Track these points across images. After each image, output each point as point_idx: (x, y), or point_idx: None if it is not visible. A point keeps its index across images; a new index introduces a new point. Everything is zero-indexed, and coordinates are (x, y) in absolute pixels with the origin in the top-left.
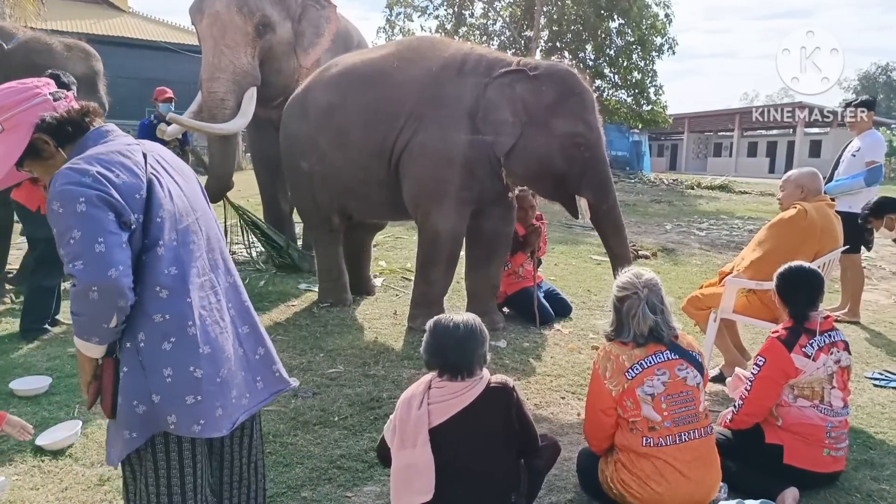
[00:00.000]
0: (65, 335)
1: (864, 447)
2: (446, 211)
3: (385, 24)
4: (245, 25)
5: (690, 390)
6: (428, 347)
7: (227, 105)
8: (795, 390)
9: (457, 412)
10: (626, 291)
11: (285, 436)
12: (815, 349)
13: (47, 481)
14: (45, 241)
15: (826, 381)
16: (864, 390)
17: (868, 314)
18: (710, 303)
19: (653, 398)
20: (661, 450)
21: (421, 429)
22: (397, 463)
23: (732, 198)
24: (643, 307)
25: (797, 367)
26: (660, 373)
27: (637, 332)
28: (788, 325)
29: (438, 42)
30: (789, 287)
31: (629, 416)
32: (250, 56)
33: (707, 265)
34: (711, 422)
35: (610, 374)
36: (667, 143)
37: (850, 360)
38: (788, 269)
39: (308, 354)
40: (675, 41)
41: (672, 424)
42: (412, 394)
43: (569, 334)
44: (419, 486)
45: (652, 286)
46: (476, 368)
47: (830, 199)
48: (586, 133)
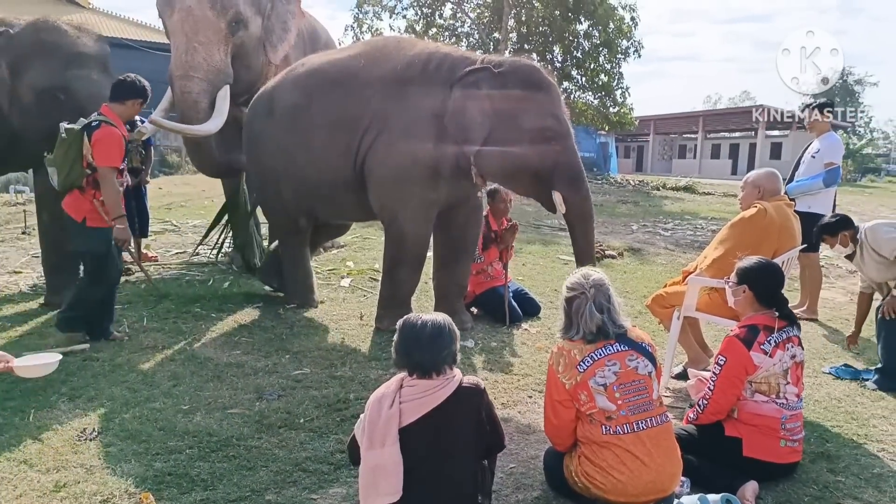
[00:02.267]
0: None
1: (820, 440)
2: (412, 212)
3: (354, 22)
4: (218, 22)
5: (642, 379)
6: (397, 346)
7: (202, 105)
8: (753, 385)
9: (428, 411)
10: (574, 292)
11: (249, 439)
12: (773, 346)
13: (0, 488)
14: (93, 256)
15: (781, 376)
16: (821, 385)
17: (826, 311)
18: (673, 301)
19: (605, 388)
20: (620, 438)
21: (391, 428)
22: (365, 464)
23: (696, 198)
24: (590, 306)
25: (755, 363)
26: (610, 363)
27: (586, 331)
28: (748, 323)
29: (404, 42)
30: (762, 279)
31: (586, 408)
32: (223, 53)
33: (672, 264)
34: (667, 411)
35: (563, 368)
36: (633, 144)
37: (804, 354)
38: (758, 263)
39: (274, 356)
40: (641, 44)
41: (628, 412)
42: (383, 393)
43: (536, 333)
44: (386, 486)
45: (599, 286)
46: (445, 367)
47: (789, 198)
48: (555, 126)
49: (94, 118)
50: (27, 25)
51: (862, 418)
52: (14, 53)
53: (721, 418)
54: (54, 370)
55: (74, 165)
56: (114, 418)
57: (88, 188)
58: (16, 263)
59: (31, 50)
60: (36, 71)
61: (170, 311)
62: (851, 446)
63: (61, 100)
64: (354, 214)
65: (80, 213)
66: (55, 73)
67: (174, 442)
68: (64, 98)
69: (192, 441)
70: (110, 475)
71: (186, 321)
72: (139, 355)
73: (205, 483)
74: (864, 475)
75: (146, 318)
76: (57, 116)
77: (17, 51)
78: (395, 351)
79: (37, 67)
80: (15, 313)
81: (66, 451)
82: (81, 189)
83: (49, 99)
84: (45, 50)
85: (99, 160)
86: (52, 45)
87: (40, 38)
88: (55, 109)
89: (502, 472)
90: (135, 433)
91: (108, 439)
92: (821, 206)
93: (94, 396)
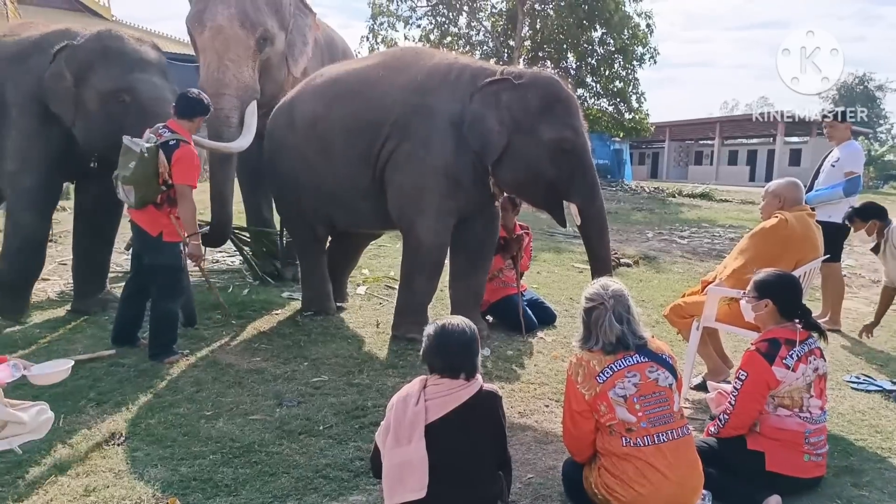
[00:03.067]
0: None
1: (844, 454)
2: (430, 220)
3: (368, 33)
4: (248, 40)
5: (663, 391)
6: (431, 349)
7: (233, 122)
8: (776, 399)
9: (452, 409)
10: (593, 302)
11: (270, 445)
12: (795, 360)
13: (31, 492)
14: (166, 268)
15: (805, 389)
16: (844, 398)
17: (848, 322)
18: (692, 311)
19: (625, 399)
20: (640, 450)
21: (417, 425)
22: (390, 461)
23: (714, 206)
24: (609, 317)
25: (778, 378)
26: (630, 375)
27: (605, 342)
28: (769, 336)
29: (423, 52)
30: (784, 291)
31: (605, 420)
32: (252, 70)
33: (689, 273)
34: (688, 423)
35: (582, 378)
36: (648, 151)
37: (827, 367)
38: (777, 276)
39: (292, 363)
40: (657, 51)
41: (648, 425)
42: (408, 392)
43: (552, 342)
44: (413, 482)
45: (618, 297)
46: (470, 368)
47: (811, 208)
48: (573, 138)
49: (170, 137)
50: (91, 36)
51: (886, 431)
52: (79, 63)
53: (743, 433)
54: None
55: (151, 183)
56: (140, 423)
57: (164, 204)
58: (43, 271)
59: (96, 57)
60: (101, 76)
61: None
62: (875, 460)
63: (126, 102)
64: (372, 223)
65: (155, 227)
66: (119, 77)
67: (198, 447)
68: (129, 100)
69: (215, 446)
70: (138, 480)
71: (207, 328)
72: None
73: (228, 488)
74: (888, 489)
75: None
76: (121, 120)
77: (82, 60)
78: (427, 353)
79: (101, 72)
80: (43, 320)
81: (95, 456)
82: (156, 205)
83: (114, 102)
84: (109, 56)
85: (178, 178)
86: (117, 51)
87: (105, 46)
88: (120, 112)
89: (520, 482)
90: (160, 438)
91: (135, 444)
92: (841, 215)
93: (120, 401)
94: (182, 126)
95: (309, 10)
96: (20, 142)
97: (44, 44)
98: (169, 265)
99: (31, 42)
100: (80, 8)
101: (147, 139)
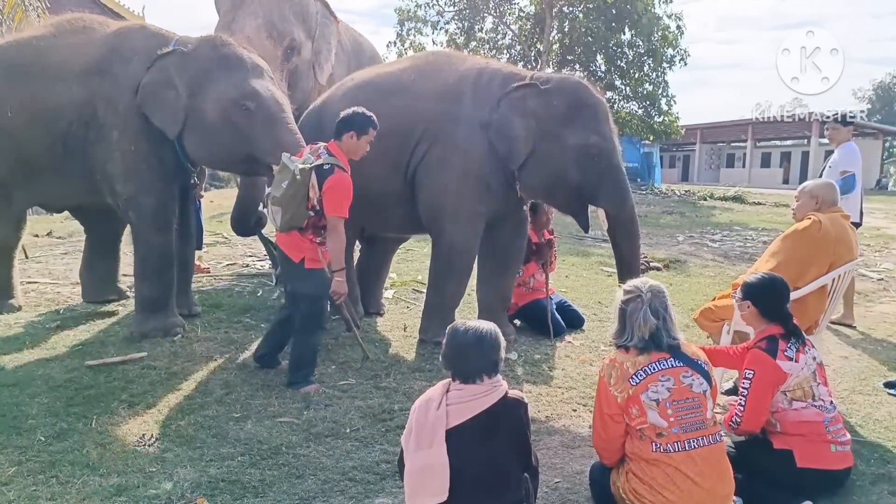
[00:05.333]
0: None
1: (881, 461)
2: (461, 224)
3: (396, 38)
4: (275, 50)
5: (696, 397)
6: (443, 352)
7: None
8: (788, 395)
9: (474, 415)
10: (630, 294)
11: (297, 447)
12: (795, 351)
13: (64, 492)
14: (307, 297)
15: (812, 378)
16: (881, 404)
17: (886, 326)
18: (723, 315)
19: (658, 404)
20: (670, 456)
21: (438, 429)
22: (412, 465)
23: (746, 209)
24: (645, 310)
25: (785, 371)
26: (664, 379)
27: (639, 335)
28: (765, 335)
29: (454, 56)
30: (765, 294)
31: (636, 423)
32: (280, 80)
33: (720, 277)
34: (721, 430)
35: (614, 380)
36: (679, 154)
37: (820, 355)
38: (761, 278)
39: (320, 366)
40: (687, 52)
41: (680, 431)
42: (430, 397)
43: (580, 346)
44: (434, 486)
45: (656, 292)
46: (485, 374)
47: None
48: (600, 144)
49: (327, 160)
50: (201, 43)
51: None
52: (192, 71)
53: (755, 431)
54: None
55: (300, 206)
56: (170, 425)
57: (308, 229)
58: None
59: (213, 65)
60: (222, 84)
61: (221, 321)
62: None
63: (251, 110)
64: (402, 227)
65: (298, 253)
66: (242, 84)
67: (227, 449)
68: (254, 107)
69: (243, 448)
70: (167, 480)
71: (237, 331)
72: (193, 364)
73: (255, 490)
74: None
75: (199, 327)
76: (247, 128)
77: (197, 69)
78: (443, 358)
79: (222, 81)
80: (78, 323)
81: (126, 457)
82: (301, 230)
83: (237, 110)
84: (228, 63)
85: (329, 209)
86: (234, 57)
87: (221, 53)
88: (245, 120)
89: (547, 486)
90: (190, 439)
91: (165, 445)
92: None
93: (151, 403)
94: (343, 146)
95: (334, 18)
96: (129, 164)
97: (123, 49)
98: (310, 294)
99: (103, 47)
100: (113, 16)
101: (304, 159)
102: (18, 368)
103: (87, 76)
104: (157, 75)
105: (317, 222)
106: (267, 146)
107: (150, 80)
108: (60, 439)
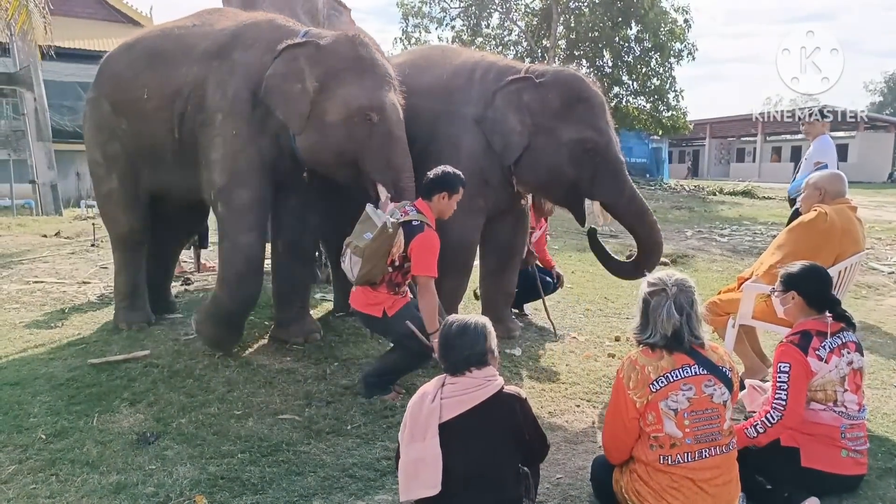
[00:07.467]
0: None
1: (889, 455)
2: (460, 220)
3: (402, 35)
4: None
5: (716, 408)
6: (437, 345)
7: None
8: (808, 393)
9: (468, 409)
10: (654, 287)
11: (298, 444)
12: (827, 351)
13: (64, 490)
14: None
15: (838, 383)
16: (890, 398)
17: (894, 321)
18: (728, 308)
19: (676, 413)
20: (679, 466)
21: (431, 422)
22: (406, 457)
23: (756, 203)
24: (669, 305)
25: (812, 369)
26: (685, 388)
27: (661, 332)
28: (799, 329)
29: (450, 51)
30: (810, 281)
31: (651, 430)
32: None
33: (728, 272)
34: (734, 438)
35: (634, 384)
36: (688, 149)
37: (863, 361)
38: (803, 267)
39: (323, 364)
40: (695, 46)
41: (693, 441)
42: (425, 390)
43: (584, 342)
44: (427, 479)
45: (683, 286)
46: (472, 366)
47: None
48: (596, 138)
49: (416, 217)
50: (340, 38)
51: None
52: (326, 66)
53: (792, 427)
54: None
55: (381, 261)
56: (171, 422)
57: (382, 284)
58: (85, 274)
59: (348, 65)
60: (353, 87)
61: None
62: None
63: (374, 122)
64: None
65: (377, 308)
66: (373, 92)
67: (227, 446)
68: (377, 120)
69: (244, 445)
70: (167, 478)
71: None
72: (196, 361)
73: (255, 487)
74: None
75: None
76: (364, 140)
77: (330, 65)
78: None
79: (354, 84)
80: (83, 322)
81: (127, 454)
82: (374, 284)
83: (361, 119)
84: (363, 67)
85: (419, 268)
86: (370, 62)
87: (358, 55)
88: (364, 132)
89: (549, 482)
90: (190, 437)
91: (166, 443)
92: None
93: (153, 401)
94: (434, 207)
95: (343, 7)
96: (228, 150)
97: (246, 36)
98: (406, 333)
99: (228, 34)
100: (119, 18)
101: (391, 213)
102: (22, 367)
103: (207, 59)
104: (285, 66)
105: (392, 278)
106: (378, 164)
107: (276, 70)
108: (61, 437)
